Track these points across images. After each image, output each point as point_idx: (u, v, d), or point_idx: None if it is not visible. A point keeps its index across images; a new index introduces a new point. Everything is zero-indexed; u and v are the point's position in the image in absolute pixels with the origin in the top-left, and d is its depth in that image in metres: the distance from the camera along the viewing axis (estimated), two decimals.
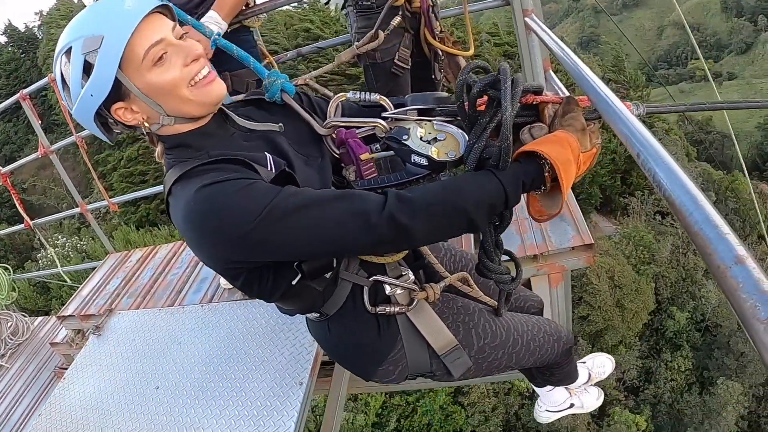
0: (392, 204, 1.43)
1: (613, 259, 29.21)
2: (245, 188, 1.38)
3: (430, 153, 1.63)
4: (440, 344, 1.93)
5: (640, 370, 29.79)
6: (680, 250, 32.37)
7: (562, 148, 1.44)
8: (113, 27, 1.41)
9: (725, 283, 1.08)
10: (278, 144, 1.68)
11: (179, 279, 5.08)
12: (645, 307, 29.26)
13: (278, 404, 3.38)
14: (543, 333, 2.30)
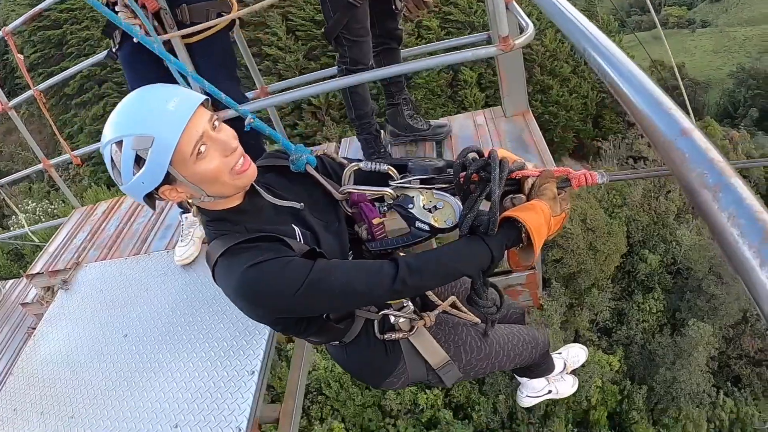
0: (404, 273, 1.79)
1: (585, 203, 29.55)
2: (285, 267, 1.70)
3: (431, 221, 1.96)
4: (435, 360, 2.41)
5: (612, 312, 30.59)
6: (652, 194, 32.86)
7: (536, 215, 1.81)
8: (162, 129, 1.63)
9: (671, 157, 1.06)
10: (302, 215, 2.00)
11: (144, 228, 5.07)
12: (617, 250, 29.81)
13: (244, 344, 3.44)
14: (522, 343, 2.79)
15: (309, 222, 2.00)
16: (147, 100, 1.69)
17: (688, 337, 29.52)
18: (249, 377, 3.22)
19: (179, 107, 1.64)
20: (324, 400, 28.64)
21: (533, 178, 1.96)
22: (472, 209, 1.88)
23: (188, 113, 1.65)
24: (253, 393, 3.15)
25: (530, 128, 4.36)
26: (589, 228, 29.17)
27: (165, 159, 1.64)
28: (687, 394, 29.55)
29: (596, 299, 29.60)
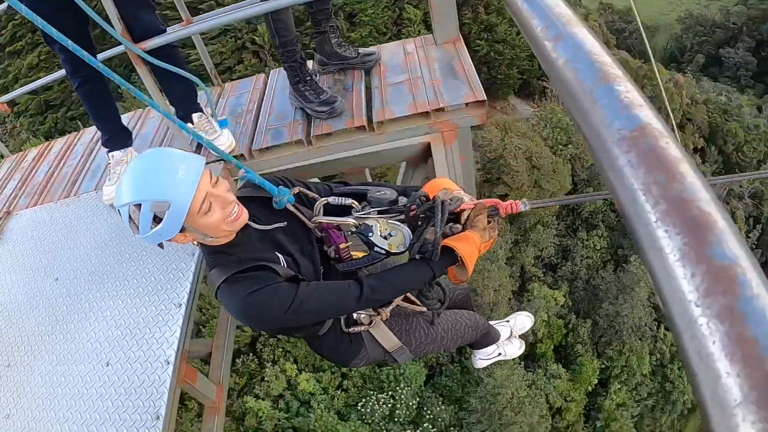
0: (367, 293, 2.39)
1: (530, 141, 29.52)
2: (274, 293, 2.21)
3: (386, 246, 2.43)
4: (390, 345, 2.96)
5: (557, 248, 30.92)
6: None
7: (468, 245, 2.43)
8: (177, 195, 2.02)
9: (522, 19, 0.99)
10: (281, 243, 2.46)
11: (74, 170, 5.10)
12: (562, 188, 29.94)
13: (171, 278, 3.54)
14: (464, 327, 3.39)
15: (288, 249, 2.47)
16: (159, 167, 2.04)
17: (630, 273, 30.08)
18: (176, 310, 3.37)
19: (188, 174, 2.04)
20: (275, 343, 28.42)
21: (468, 210, 2.55)
22: (419, 239, 2.44)
23: (197, 178, 2.06)
24: (181, 326, 3.31)
25: (460, 56, 4.37)
26: (534, 166, 29.20)
27: (180, 218, 2.07)
28: (630, 328, 30.27)
29: (541, 236, 29.83)
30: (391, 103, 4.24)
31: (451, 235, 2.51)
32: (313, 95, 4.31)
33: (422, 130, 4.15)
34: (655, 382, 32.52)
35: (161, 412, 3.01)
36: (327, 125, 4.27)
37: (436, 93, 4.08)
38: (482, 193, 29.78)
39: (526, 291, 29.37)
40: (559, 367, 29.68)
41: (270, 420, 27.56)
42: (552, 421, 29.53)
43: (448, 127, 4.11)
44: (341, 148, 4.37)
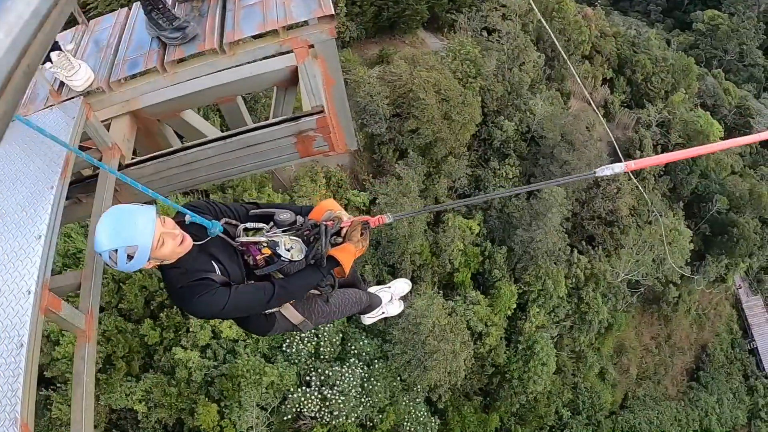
0: (278, 292, 3.51)
1: (439, 74, 29.54)
2: (214, 296, 3.29)
3: (289, 256, 3.51)
4: (296, 321, 4.01)
5: (470, 179, 31.45)
6: (506, 65, 33.39)
7: (345, 254, 3.58)
8: (141, 240, 3.01)
9: None
10: (215, 254, 3.46)
11: None
12: (472, 119, 30.24)
13: (32, 212, 3.59)
14: (351, 302, 4.53)
15: (220, 258, 3.46)
16: (124, 221, 3.04)
17: (542, 200, 30.93)
18: (36, 242, 3.45)
19: (146, 223, 3.05)
20: None
21: (346, 227, 3.68)
22: (310, 251, 3.57)
23: (152, 225, 3.06)
24: (41, 256, 3.39)
25: None
26: (443, 98, 29.29)
27: (146, 254, 3.09)
28: (544, 253, 31.27)
29: (453, 167, 30.22)
30: (242, 24, 4.21)
31: (334, 246, 3.69)
32: (166, 22, 4.29)
33: (273, 49, 4.19)
34: (571, 303, 33.94)
35: (24, 340, 3.15)
36: (180, 51, 4.26)
37: (285, 11, 4.05)
38: (393, 128, 29.87)
39: (441, 222, 29.83)
40: (478, 293, 30.52)
41: (200, 370, 27.45)
42: (474, 346, 30.47)
43: (299, 44, 4.12)
44: (196, 72, 4.38)
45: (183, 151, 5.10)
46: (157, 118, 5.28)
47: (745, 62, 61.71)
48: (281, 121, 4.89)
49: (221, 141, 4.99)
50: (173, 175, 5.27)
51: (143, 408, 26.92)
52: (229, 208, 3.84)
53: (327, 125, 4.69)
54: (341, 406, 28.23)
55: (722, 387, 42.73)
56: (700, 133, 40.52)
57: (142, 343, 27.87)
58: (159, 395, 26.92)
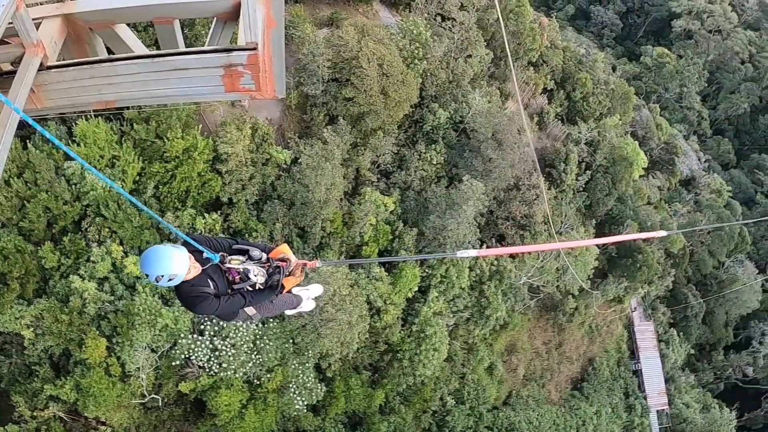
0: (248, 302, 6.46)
1: (386, 48, 29.55)
2: (210, 304, 6.03)
3: (255, 280, 6.41)
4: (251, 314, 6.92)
5: (394, 157, 31.70)
6: (453, 54, 33.76)
7: (290, 282, 6.78)
8: (179, 270, 5.52)
9: None
10: (210, 275, 6.03)
11: None
12: (408, 99, 30.42)
13: None
14: (287, 304, 7.89)
15: (213, 278, 6.04)
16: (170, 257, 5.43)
17: (461, 191, 31.46)
18: None
19: (184, 260, 5.53)
20: (102, 222, 27.33)
21: (294, 266, 6.73)
22: (271, 279, 6.54)
23: (186, 262, 5.55)
24: None
25: None
26: (384, 73, 29.35)
27: (180, 279, 5.60)
28: (454, 242, 31.91)
29: (381, 142, 30.38)
30: None
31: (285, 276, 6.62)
32: None
33: None
34: (472, 296, 34.85)
35: None
36: None
37: None
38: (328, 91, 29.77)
39: (358, 194, 30.03)
40: (382, 270, 30.94)
41: (94, 302, 26.81)
42: (371, 321, 30.93)
43: None
44: None
45: (108, 62, 4.93)
46: (89, 26, 5.11)
47: (682, 103, 64.59)
48: (213, 50, 4.82)
49: (149, 59, 4.88)
50: (94, 86, 5.11)
51: (30, 334, 26.22)
52: (218, 241, 6.34)
53: (258, 63, 4.63)
54: (231, 359, 28.18)
55: (602, 400, 44.91)
56: (625, 159, 42.10)
57: (39, 267, 27.01)
58: (49, 322, 26.27)
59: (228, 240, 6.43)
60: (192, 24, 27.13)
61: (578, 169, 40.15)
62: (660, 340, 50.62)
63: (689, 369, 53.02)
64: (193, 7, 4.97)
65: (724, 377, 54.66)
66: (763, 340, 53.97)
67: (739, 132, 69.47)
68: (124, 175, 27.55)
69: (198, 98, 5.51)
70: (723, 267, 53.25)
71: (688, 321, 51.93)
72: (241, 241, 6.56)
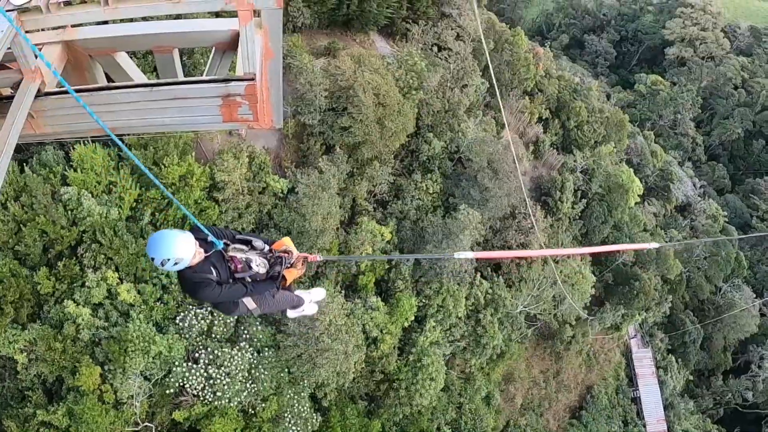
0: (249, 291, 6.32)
1: (382, 78, 29.85)
2: (213, 290, 5.98)
3: (257, 270, 6.34)
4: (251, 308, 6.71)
5: (390, 186, 31.81)
6: (449, 84, 34.07)
7: (291, 274, 6.63)
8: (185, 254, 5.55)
9: None
10: (213, 262, 5.99)
11: None
12: (405, 129, 30.65)
13: None
14: (287, 300, 7.40)
15: (216, 266, 5.97)
16: (177, 241, 5.49)
17: (458, 220, 31.57)
18: None
19: (189, 244, 5.56)
20: (98, 248, 27.30)
21: (295, 259, 6.57)
22: (273, 269, 6.44)
23: (192, 246, 5.58)
24: None
25: None
26: (380, 103, 29.59)
27: (186, 263, 5.63)
28: (450, 272, 31.93)
29: (377, 172, 30.51)
30: None
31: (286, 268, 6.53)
32: None
33: (218, 5, 4.23)
34: (468, 326, 34.71)
35: None
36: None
37: None
38: (325, 121, 29.97)
39: (354, 223, 30.06)
40: (379, 300, 30.84)
41: (88, 328, 26.69)
42: (367, 350, 30.76)
43: (245, 6, 4.17)
44: (137, 12, 4.35)
45: (108, 90, 4.99)
46: (89, 53, 5.16)
47: (676, 130, 65.11)
48: (211, 80, 4.89)
49: (148, 88, 4.93)
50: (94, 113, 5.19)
51: (24, 359, 26.03)
52: (222, 231, 6.29)
53: (255, 94, 4.70)
54: (225, 388, 27.96)
55: (601, 428, 44.52)
56: (621, 186, 42.37)
57: (34, 291, 26.91)
58: (43, 348, 26.06)
59: (231, 231, 6.36)
60: (191, 52, 27.38)
61: (574, 197, 40.33)
62: (658, 367, 50.30)
63: (688, 395, 52.56)
64: (192, 36, 5.05)
65: (724, 402, 54.10)
66: (762, 364, 53.62)
67: (734, 157, 69.87)
68: (121, 201, 27.65)
69: (196, 128, 5.64)
70: (720, 292, 53.14)
71: (686, 347, 51.67)
72: (244, 233, 6.60)
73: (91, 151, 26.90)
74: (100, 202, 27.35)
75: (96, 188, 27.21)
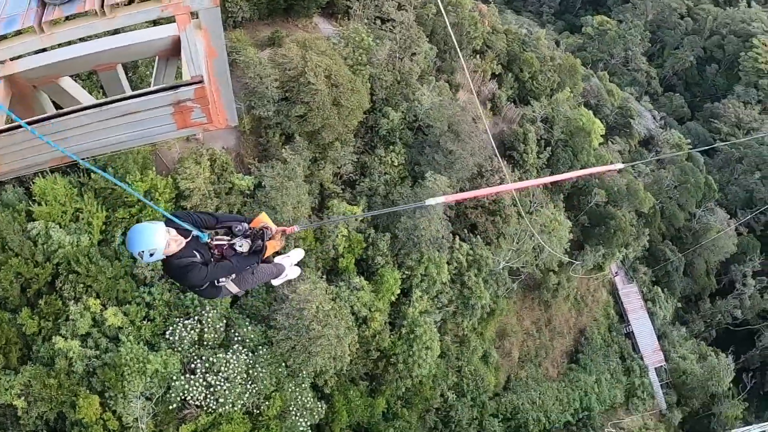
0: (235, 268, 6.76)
1: (330, 59, 29.65)
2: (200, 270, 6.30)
3: (242, 250, 6.72)
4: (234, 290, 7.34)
5: (355, 165, 31.79)
6: (397, 54, 33.97)
7: (272, 247, 7.03)
8: (158, 243, 5.81)
9: None
10: (194, 247, 6.30)
11: None
12: (360, 106, 30.54)
13: None
14: (268, 272, 7.61)
15: (200, 250, 6.32)
16: (147, 232, 5.78)
17: (426, 187, 31.67)
18: None
19: (160, 234, 5.79)
20: (75, 278, 26.98)
21: (274, 232, 6.95)
22: (255, 243, 6.75)
23: (164, 236, 5.82)
24: None
25: None
26: (333, 84, 29.43)
27: (160, 253, 5.88)
28: (427, 240, 32.08)
29: (340, 153, 30.46)
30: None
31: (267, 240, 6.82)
32: None
33: (154, 14, 4.09)
34: (454, 289, 35.05)
35: None
36: (59, 11, 4.09)
37: None
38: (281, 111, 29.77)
39: (325, 207, 30.04)
40: (362, 279, 30.96)
41: (81, 360, 26.45)
42: (359, 330, 30.94)
43: (181, 10, 4.08)
44: (75, 34, 4.21)
45: (58, 117, 4.87)
46: (33, 84, 5.07)
47: (629, 66, 65.72)
48: (159, 89, 4.80)
49: (97, 108, 4.82)
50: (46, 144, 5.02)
51: (22, 403, 25.76)
52: (200, 217, 6.51)
53: (206, 96, 4.64)
54: (226, 393, 27.97)
55: (600, 368, 45.44)
56: (582, 129, 42.79)
57: (20, 333, 26.58)
58: (38, 388, 25.84)
59: (210, 216, 6.64)
60: (135, 66, 26.95)
61: (538, 147, 40.67)
62: (646, 299, 51.35)
63: (679, 322, 53.82)
64: (132, 49, 4.98)
65: (715, 324, 55.43)
66: (746, 281, 54.94)
67: (689, 85, 70.75)
68: (90, 227, 27.30)
69: (152, 139, 5.52)
70: (695, 218, 54.16)
71: (670, 276, 52.76)
72: (222, 217, 6.83)
73: (52, 182, 26.50)
74: (69, 231, 26.99)
75: (63, 218, 26.84)
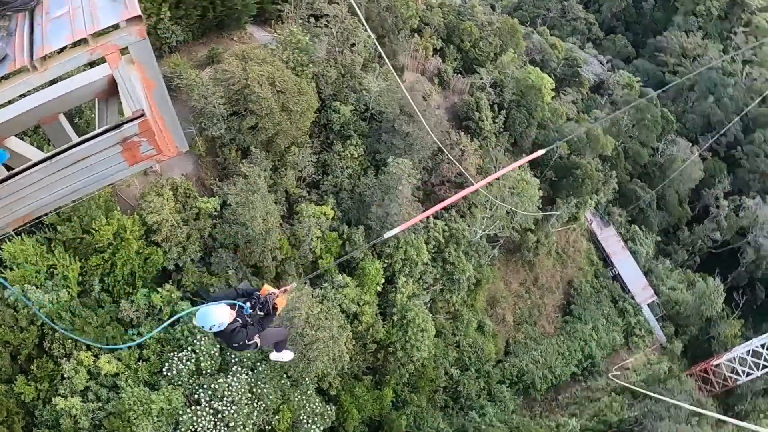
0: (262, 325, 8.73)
1: (271, 66, 29.51)
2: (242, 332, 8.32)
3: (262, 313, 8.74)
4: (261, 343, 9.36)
5: (316, 166, 31.78)
6: (336, 48, 33.91)
7: (280, 305, 8.86)
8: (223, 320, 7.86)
9: None
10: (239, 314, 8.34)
11: None
12: (310, 106, 30.48)
13: None
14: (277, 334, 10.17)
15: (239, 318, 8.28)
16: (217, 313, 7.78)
17: (390, 174, 31.79)
18: None
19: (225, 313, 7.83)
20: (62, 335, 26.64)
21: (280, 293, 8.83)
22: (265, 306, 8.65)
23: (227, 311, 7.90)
24: None
25: None
26: (279, 90, 29.31)
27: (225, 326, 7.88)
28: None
29: (298, 157, 30.41)
30: (50, 37, 4.08)
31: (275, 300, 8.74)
32: None
33: (84, 58, 4.07)
34: (437, 267, 35.33)
35: None
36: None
37: (93, 18, 3.95)
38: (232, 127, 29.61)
39: (295, 213, 30.01)
40: (345, 276, 31.07)
41: (85, 415, 26.18)
42: (351, 327, 31.09)
43: (109, 49, 4.05)
44: (10, 94, 4.20)
45: (9, 179, 4.89)
46: None
47: (567, 17, 66.30)
48: (104, 130, 4.82)
49: (47, 162, 4.85)
50: (4, 207, 5.05)
51: None
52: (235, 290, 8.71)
53: (150, 128, 4.65)
54: (235, 416, 27.88)
55: (595, 315, 46.27)
56: (532, 87, 43.11)
57: (20, 402, 26.21)
58: None
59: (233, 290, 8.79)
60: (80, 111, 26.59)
61: (492, 112, 40.93)
62: (626, 240, 52.27)
63: (662, 255, 54.89)
64: (70, 97, 4.98)
65: (697, 250, 56.61)
66: (719, 203, 56.11)
67: (629, 24, 71.57)
68: (66, 281, 26.96)
69: (107, 181, 5.54)
70: (658, 152, 55.09)
71: (645, 213, 53.73)
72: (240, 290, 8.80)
73: (20, 244, 26.12)
74: (47, 289, 26.58)
75: (37, 278, 26.45)
